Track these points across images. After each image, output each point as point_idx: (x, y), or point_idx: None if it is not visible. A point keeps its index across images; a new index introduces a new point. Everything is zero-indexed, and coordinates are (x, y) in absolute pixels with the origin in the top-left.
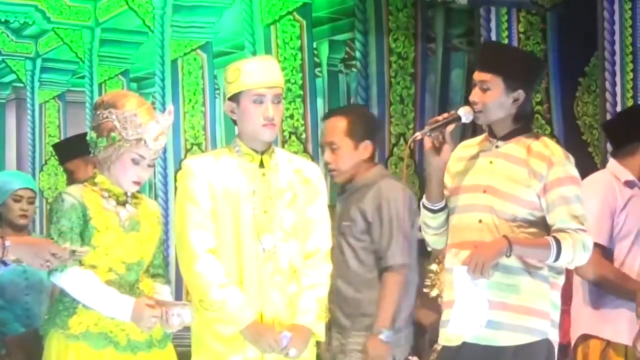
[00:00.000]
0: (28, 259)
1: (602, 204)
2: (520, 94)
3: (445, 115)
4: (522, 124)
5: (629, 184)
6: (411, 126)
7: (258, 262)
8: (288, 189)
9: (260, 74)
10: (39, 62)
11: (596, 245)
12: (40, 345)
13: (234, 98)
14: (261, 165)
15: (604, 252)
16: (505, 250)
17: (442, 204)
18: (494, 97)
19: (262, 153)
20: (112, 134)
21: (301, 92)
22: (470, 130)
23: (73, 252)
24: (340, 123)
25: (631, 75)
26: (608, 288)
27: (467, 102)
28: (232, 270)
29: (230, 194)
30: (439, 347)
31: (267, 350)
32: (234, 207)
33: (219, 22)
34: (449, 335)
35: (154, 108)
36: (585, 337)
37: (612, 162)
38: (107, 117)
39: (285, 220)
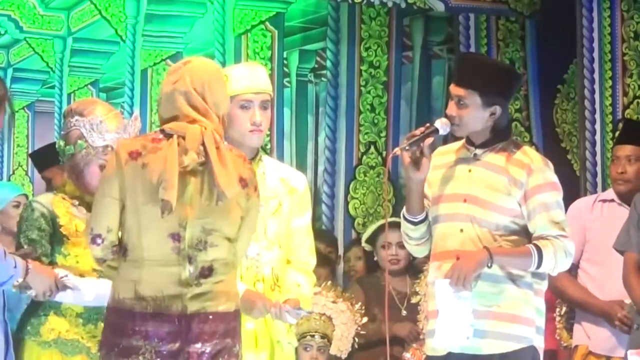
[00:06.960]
0: (38, 286)
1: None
2: (496, 108)
3: (422, 128)
4: (500, 132)
5: (603, 201)
6: (383, 134)
7: (240, 269)
8: (273, 197)
9: (247, 79)
10: (10, 72)
11: None
12: None
13: None
14: None
15: None
16: (486, 261)
17: (422, 216)
18: (470, 112)
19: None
20: (79, 142)
21: None
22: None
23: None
24: None
25: (610, 82)
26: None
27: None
28: None
29: None
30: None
31: (263, 315)
32: None
33: (190, 32)
34: (435, 346)
35: (123, 118)
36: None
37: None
38: (74, 125)
39: (270, 229)
